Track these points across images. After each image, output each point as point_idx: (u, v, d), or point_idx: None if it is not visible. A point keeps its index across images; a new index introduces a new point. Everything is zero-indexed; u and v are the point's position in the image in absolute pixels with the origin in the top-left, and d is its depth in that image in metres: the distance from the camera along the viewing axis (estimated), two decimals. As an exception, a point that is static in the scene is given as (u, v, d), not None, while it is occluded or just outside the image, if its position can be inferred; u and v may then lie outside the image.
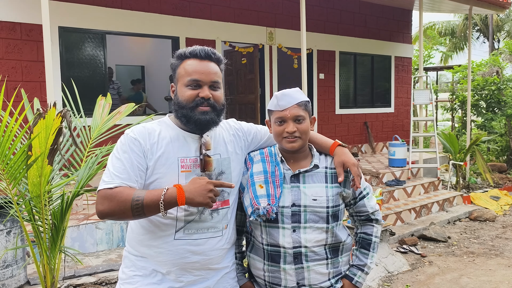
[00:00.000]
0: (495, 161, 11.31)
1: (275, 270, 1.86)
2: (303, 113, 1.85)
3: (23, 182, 2.92)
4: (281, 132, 1.84)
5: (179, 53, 1.81)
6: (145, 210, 1.62)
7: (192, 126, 1.76)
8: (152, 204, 1.61)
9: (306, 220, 1.84)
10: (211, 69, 1.77)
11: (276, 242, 1.84)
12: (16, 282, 3.70)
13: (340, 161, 1.89)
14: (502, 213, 7.59)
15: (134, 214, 1.62)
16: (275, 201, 1.81)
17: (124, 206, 1.62)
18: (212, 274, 1.85)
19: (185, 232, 1.76)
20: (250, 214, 1.83)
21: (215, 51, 1.82)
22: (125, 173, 1.68)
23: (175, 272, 1.78)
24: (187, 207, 1.74)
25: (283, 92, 1.88)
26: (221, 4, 7.86)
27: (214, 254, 1.82)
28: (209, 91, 1.75)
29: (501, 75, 11.52)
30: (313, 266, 1.85)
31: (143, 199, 1.61)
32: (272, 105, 1.88)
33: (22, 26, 5.89)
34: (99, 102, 3.52)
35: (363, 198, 1.98)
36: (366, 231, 2.01)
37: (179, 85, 1.78)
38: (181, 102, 1.75)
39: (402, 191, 7.37)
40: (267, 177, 1.86)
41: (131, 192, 1.64)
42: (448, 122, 18.23)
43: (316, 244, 1.85)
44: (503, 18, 21.22)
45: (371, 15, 10.30)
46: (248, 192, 1.87)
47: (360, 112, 10.31)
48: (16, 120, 2.69)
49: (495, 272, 4.98)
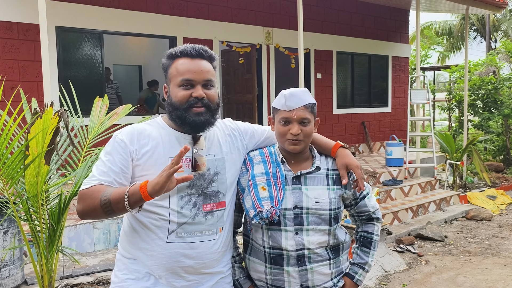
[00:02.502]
0: (492, 161, 11.35)
1: (278, 272, 1.84)
2: (309, 116, 1.81)
3: (20, 182, 2.93)
4: (285, 133, 1.81)
5: (169, 53, 1.76)
6: (113, 206, 1.57)
7: (187, 128, 1.72)
8: (119, 198, 1.55)
9: (308, 223, 1.82)
10: (203, 68, 1.72)
11: (278, 245, 1.81)
12: (13, 282, 3.70)
13: (343, 163, 1.86)
14: (498, 213, 7.62)
15: (104, 211, 1.59)
16: (278, 203, 1.78)
17: (93, 203, 1.60)
18: (206, 278, 1.79)
19: (178, 235, 1.71)
20: (252, 217, 1.78)
21: (207, 49, 1.77)
22: (105, 175, 1.66)
23: (166, 277, 1.74)
24: (180, 209, 1.71)
25: (291, 92, 1.83)
26: (219, 4, 7.86)
27: (208, 258, 1.76)
28: (203, 90, 1.71)
29: (498, 75, 11.56)
30: (316, 267, 1.84)
31: (110, 195, 1.57)
32: (279, 104, 1.83)
33: (19, 25, 5.88)
34: (96, 103, 3.52)
35: (364, 198, 1.98)
36: (367, 230, 2.01)
37: (172, 85, 1.73)
38: (174, 103, 1.71)
39: (399, 191, 7.39)
40: (269, 178, 1.83)
41: (102, 189, 1.61)
42: (445, 122, 18.29)
43: (319, 246, 1.83)
44: (500, 18, 21.28)
45: (369, 15, 10.32)
46: (250, 194, 1.82)
47: (358, 111, 10.33)
48: (14, 120, 2.69)
49: (491, 271, 5.00)
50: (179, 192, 1.72)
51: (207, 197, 1.76)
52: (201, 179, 1.75)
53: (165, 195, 1.69)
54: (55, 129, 2.64)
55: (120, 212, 1.59)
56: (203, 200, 1.75)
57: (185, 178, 1.51)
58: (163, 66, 1.79)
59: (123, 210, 1.57)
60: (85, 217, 1.67)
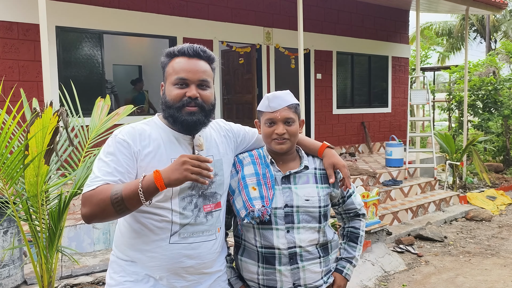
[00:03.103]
0: (492, 161, 11.35)
1: (270, 272, 1.87)
2: (293, 116, 1.87)
3: (20, 182, 2.93)
4: (271, 133, 1.86)
5: (168, 51, 1.76)
6: (126, 203, 1.53)
7: (178, 126, 1.71)
8: (132, 194, 1.52)
9: (299, 221, 1.86)
10: (199, 67, 1.71)
11: (270, 244, 1.85)
12: (13, 282, 3.70)
13: (330, 163, 1.93)
14: (498, 213, 7.62)
15: (117, 210, 1.54)
16: (269, 202, 1.83)
17: (104, 203, 1.54)
18: (205, 278, 1.81)
19: (180, 236, 1.71)
20: (244, 216, 1.82)
21: (205, 49, 1.76)
22: (110, 175, 1.62)
23: (168, 278, 1.74)
24: (182, 210, 1.70)
25: (274, 94, 1.89)
26: (219, 4, 7.86)
27: (208, 258, 1.78)
28: (197, 90, 1.69)
29: (497, 75, 11.56)
30: (308, 265, 1.88)
31: (121, 192, 1.53)
32: (263, 106, 1.89)
33: (19, 25, 5.88)
34: (97, 103, 3.53)
35: (350, 196, 2.05)
36: (354, 225, 2.09)
37: (167, 83, 1.73)
38: (168, 101, 1.70)
39: (399, 191, 7.40)
40: (259, 179, 1.87)
41: (110, 188, 1.56)
42: (445, 122, 18.30)
43: (310, 243, 1.88)
44: (499, 19, 21.28)
45: (369, 15, 10.32)
46: (240, 195, 1.86)
47: (358, 112, 10.33)
48: (13, 119, 2.69)
49: (491, 272, 5.00)
50: (181, 193, 1.72)
51: (206, 198, 1.77)
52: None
53: (167, 197, 1.69)
54: (54, 128, 2.64)
55: (132, 208, 1.56)
56: (203, 201, 1.76)
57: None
58: (161, 64, 1.79)
59: (136, 205, 1.55)
60: (93, 219, 1.61)
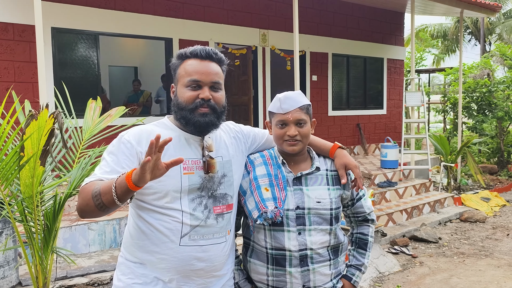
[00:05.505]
0: (486, 163, 11.42)
1: (280, 274, 1.85)
2: (305, 117, 1.85)
3: (15, 183, 2.93)
4: (283, 135, 1.84)
5: (179, 53, 1.76)
6: (102, 197, 1.49)
7: (191, 128, 1.71)
8: (107, 189, 1.48)
9: (311, 223, 1.84)
10: (211, 70, 1.73)
11: (281, 246, 1.83)
12: (8, 283, 3.69)
13: (342, 163, 1.90)
14: (492, 214, 7.67)
15: (96, 204, 1.52)
16: (281, 204, 1.81)
17: (87, 197, 1.54)
18: (214, 282, 1.80)
19: (191, 238, 1.69)
20: (256, 217, 1.80)
21: (217, 51, 1.76)
22: (107, 174, 1.61)
23: (178, 280, 1.72)
24: (192, 211, 1.69)
25: (286, 95, 1.87)
26: (214, 6, 7.88)
27: (218, 261, 1.77)
28: (210, 92, 1.71)
29: (492, 78, 11.63)
30: (318, 268, 1.86)
31: (100, 187, 1.51)
32: (274, 107, 1.87)
33: (14, 26, 5.87)
34: (89, 105, 3.54)
35: (360, 199, 2.02)
36: (363, 231, 2.05)
37: (179, 85, 1.73)
38: (180, 103, 1.70)
39: (393, 192, 7.43)
40: (271, 180, 1.85)
41: (97, 183, 1.56)
42: (440, 124, 18.37)
43: (321, 246, 1.86)
44: (494, 21, 21.40)
45: (364, 17, 10.36)
46: (252, 196, 1.84)
47: (353, 113, 10.36)
48: (8, 121, 2.69)
49: (485, 273, 5.04)
50: (190, 194, 1.71)
51: (216, 199, 1.76)
52: (211, 181, 1.75)
53: (175, 197, 1.68)
54: (50, 130, 2.64)
55: (110, 205, 1.50)
56: (213, 202, 1.75)
57: (174, 161, 1.41)
58: (172, 66, 1.78)
59: (112, 205, 1.49)
60: (82, 213, 1.60)
